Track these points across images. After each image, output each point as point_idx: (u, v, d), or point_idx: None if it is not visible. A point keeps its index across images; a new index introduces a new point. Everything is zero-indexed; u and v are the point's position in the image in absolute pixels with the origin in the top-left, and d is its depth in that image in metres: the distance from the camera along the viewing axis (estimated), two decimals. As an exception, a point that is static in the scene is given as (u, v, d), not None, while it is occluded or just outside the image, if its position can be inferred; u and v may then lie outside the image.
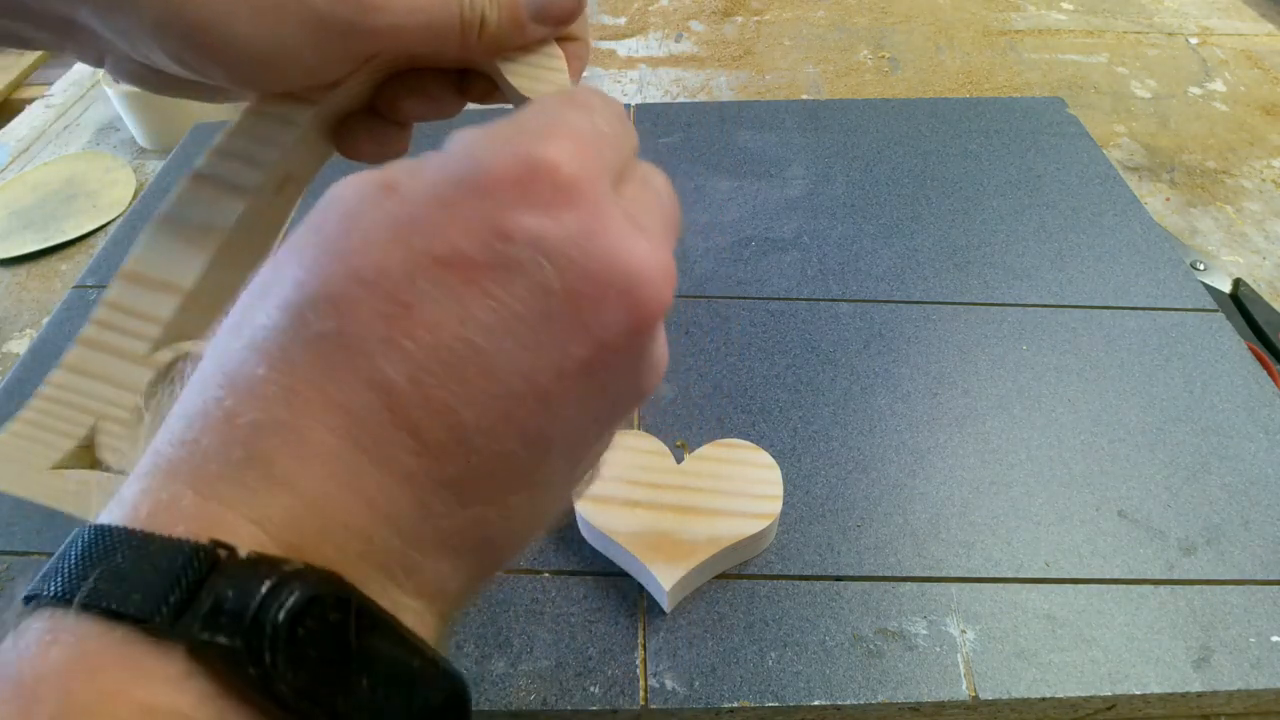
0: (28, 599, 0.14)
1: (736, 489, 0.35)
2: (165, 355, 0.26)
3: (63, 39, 0.23)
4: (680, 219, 0.19)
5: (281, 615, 0.13)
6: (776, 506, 0.34)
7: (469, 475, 0.16)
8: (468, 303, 0.15)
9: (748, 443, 0.37)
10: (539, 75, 0.25)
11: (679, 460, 0.36)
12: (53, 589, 0.14)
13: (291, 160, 0.27)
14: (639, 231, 0.16)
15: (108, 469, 0.25)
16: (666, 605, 0.33)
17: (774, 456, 0.36)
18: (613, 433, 0.20)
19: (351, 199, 0.16)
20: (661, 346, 0.18)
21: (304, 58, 0.22)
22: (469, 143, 0.16)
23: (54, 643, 0.13)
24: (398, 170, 0.17)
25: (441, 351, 0.15)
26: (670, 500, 0.34)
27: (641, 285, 0.16)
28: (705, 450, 0.37)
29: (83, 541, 0.14)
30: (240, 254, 0.27)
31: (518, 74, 0.25)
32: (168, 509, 0.14)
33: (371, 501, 0.15)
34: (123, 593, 0.13)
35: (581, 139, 0.16)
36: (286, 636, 0.13)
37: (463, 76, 0.26)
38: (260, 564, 0.14)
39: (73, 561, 0.14)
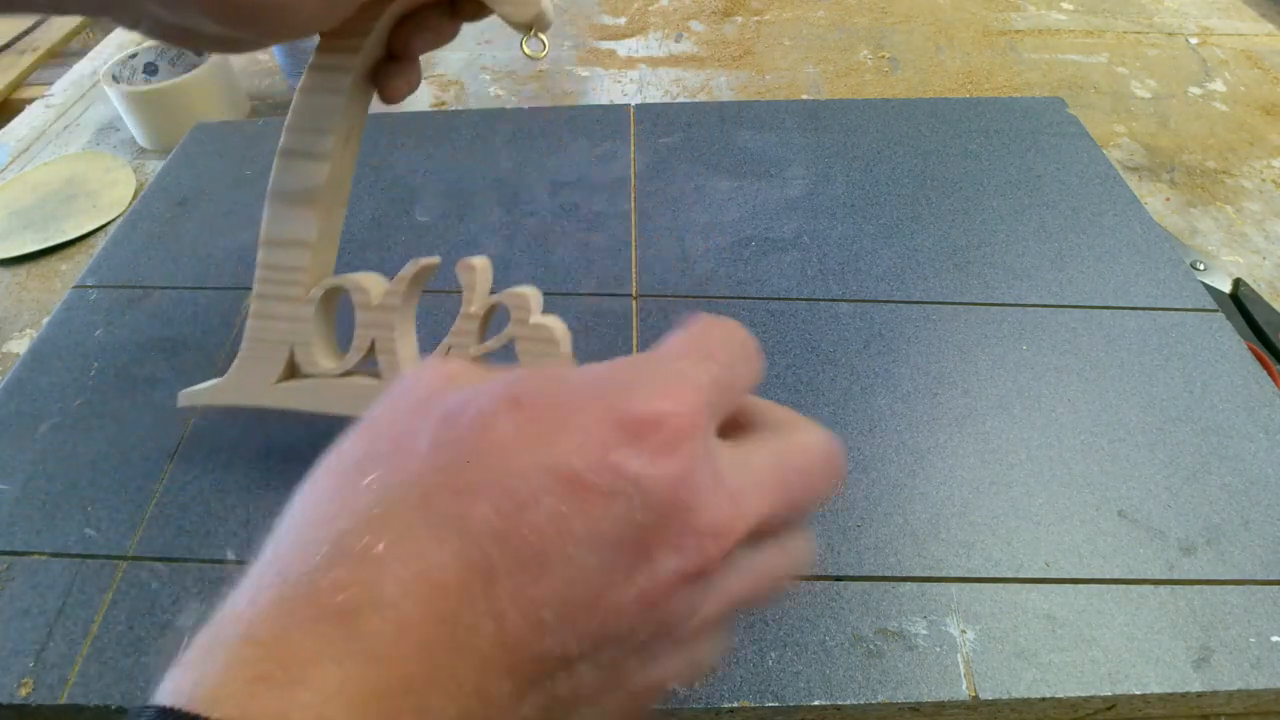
0: None
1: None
2: (316, 293, 0.34)
3: (105, 4, 0.25)
4: (803, 471, 0.20)
5: None
6: (776, 506, 0.34)
7: (531, 666, 0.17)
8: (570, 516, 0.17)
9: (748, 443, 0.37)
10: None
11: (679, 460, 0.36)
12: None
13: (348, 116, 0.33)
14: (719, 488, 0.18)
15: (308, 375, 0.35)
16: (666, 605, 0.33)
17: (774, 456, 0.36)
18: (677, 664, 0.20)
19: (485, 407, 0.18)
20: (730, 590, 0.19)
21: (315, 8, 0.26)
22: (605, 383, 0.18)
23: None
24: (521, 388, 0.18)
25: (539, 553, 0.16)
26: (670, 500, 0.34)
27: (702, 536, 0.17)
28: (705, 450, 0.36)
29: None
30: (336, 199, 0.34)
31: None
32: (258, 689, 0.15)
33: (445, 684, 0.16)
34: None
35: (696, 396, 0.18)
36: None
37: (453, 3, 0.31)
38: None
39: None
